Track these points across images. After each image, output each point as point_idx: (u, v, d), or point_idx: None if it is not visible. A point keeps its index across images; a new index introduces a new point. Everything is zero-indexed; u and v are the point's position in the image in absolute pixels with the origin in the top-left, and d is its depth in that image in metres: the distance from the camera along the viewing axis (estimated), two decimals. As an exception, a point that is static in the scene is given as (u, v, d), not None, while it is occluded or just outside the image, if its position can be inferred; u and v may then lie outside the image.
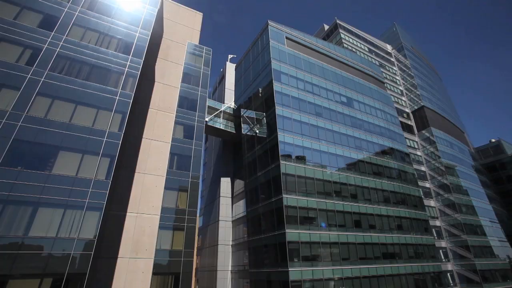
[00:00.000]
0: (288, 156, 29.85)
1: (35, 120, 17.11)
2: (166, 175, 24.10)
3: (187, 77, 30.69)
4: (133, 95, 21.44)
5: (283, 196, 27.28)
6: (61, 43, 20.23)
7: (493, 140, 78.93)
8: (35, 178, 15.90)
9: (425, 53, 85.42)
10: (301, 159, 30.73)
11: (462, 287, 42.12)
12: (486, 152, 78.60)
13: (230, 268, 35.68)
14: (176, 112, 27.48)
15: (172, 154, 25.57)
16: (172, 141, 25.78)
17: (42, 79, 18.37)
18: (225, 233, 37.26)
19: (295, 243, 25.99)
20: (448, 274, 42.33)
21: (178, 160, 26.04)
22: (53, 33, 20.21)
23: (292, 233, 26.16)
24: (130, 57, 22.89)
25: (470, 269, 42.25)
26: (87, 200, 16.77)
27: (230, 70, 48.63)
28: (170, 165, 25.20)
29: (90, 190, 17.11)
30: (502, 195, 72.25)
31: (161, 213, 22.49)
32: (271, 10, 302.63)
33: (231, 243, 37.03)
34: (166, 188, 23.67)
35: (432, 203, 48.23)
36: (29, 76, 18.03)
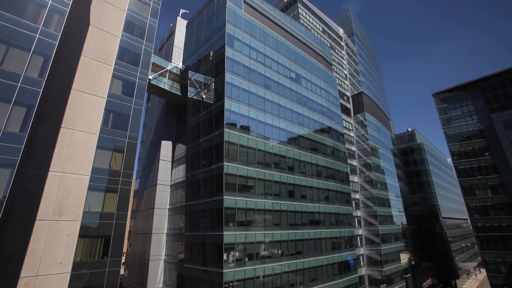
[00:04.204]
0: (232, 125, 29.94)
1: None
2: (100, 133, 21.99)
3: (130, 26, 27.20)
4: (59, 36, 18.20)
5: (224, 163, 27.73)
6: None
7: (409, 129, 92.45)
8: None
9: (370, 43, 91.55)
10: (245, 129, 31.18)
11: (366, 247, 50.86)
12: (403, 139, 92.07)
13: (165, 231, 35.81)
14: (115, 64, 24.52)
15: (107, 111, 23.22)
16: (108, 97, 23.24)
17: None
18: (162, 197, 36.71)
19: (232, 209, 27.21)
20: (358, 237, 50.26)
21: (115, 118, 23.85)
22: None
23: (230, 200, 27.20)
24: (56, -12, 18.99)
25: (374, 233, 50.91)
26: (-6, 155, 14.37)
27: (181, 27, 44.65)
28: (105, 123, 22.98)
29: (-1, 143, 14.63)
30: (407, 175, 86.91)
31: (91, 174, 20.77)
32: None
33: (168, 207, 36.80)
34: (98, 147, 21.71)
35: (356, 179, 55.08)
36: None
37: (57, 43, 18.03)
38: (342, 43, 70.11)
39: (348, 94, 63.32)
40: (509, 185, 51.06)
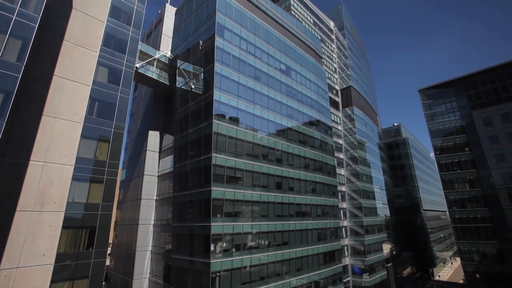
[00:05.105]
0: (221, 116, 29.71)
1: None
2: (84, 122, 21.35)
3: (116, 11, 26.16)
4: (39, 18, 17.32)
5: (213, 155, 27.60)
6: None
7: (395, 124, 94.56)
8: None
9: (361, 38, 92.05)
10: (234, 120, 31.02)
11: (351, 238, 52.37)
12: (389, 133, 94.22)
13: (152, 222, 35.57)
14: (100, 51, 23.66)
15: (92, 99, 22.50)
16: (93, 84, 22.49)
17: None
18: (150, 188, 36.28)
19: (220, 200, 27.26)
20: (343, 229, 51.64)
21: (100, 106, 23.17)
22: None
23: (218, 191, 27.22)
24: (36, -33, 17.95)
25: (359, 225, 52.41)
26: (-29, 142, 13.74)
27: (170, 14, 43.33)
28: (90, 112, 22.29)
29: (-24, 130, 13.98)
30: (392, 168, 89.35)
31: (75, 164, 20.23)
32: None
33: (155, 198, 36.46)
34: (83, 136, 21.14)
35: (342, 171, 56.16)
36: None
37: (37, 26, 17.16)
38: (333, 37, 70.15)
39: (337, 87, 63.81)
40: (485, 179, 53.51)
